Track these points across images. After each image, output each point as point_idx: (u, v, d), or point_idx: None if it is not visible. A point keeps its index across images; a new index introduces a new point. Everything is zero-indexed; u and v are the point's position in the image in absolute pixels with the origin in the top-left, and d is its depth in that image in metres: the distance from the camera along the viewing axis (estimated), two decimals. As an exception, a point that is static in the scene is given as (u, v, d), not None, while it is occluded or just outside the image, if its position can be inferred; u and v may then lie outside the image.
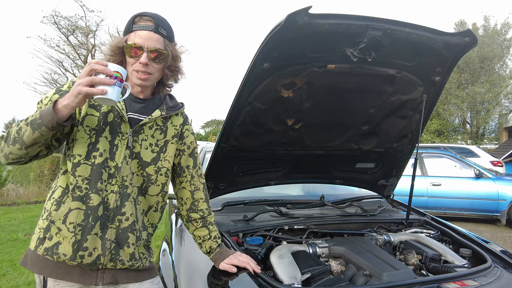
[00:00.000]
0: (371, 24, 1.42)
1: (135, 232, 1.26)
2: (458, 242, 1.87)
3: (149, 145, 1.30)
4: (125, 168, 1.23)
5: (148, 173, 1.30)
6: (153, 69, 1.24)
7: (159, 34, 1.23)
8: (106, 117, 1.23)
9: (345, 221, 2.04)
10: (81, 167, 1.18)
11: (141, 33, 1.21)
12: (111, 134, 1.23)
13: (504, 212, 6.06)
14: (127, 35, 1.23)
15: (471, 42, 1.58)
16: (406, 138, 2.12)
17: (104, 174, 1.20)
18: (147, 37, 1.20)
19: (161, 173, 1.33)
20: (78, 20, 14.67)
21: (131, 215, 1.24)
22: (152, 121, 1.30)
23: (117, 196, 1.21)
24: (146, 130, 1.29)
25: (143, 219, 1.32)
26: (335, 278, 1.41)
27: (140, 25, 1.21)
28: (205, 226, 1.43)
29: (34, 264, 1.18)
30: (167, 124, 1.35)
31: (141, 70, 1.21)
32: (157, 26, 1.22)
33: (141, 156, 1.28)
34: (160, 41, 1.23)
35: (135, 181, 1.28)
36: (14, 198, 10.00)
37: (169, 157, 1.35)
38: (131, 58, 1.22)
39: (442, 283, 1.34)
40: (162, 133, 1.33)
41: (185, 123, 1.42)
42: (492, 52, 18.71)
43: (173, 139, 1.36)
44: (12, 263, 4.05)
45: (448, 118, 20.16)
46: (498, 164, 9.59)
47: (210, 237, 1.43)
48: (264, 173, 2.12)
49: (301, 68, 1.58)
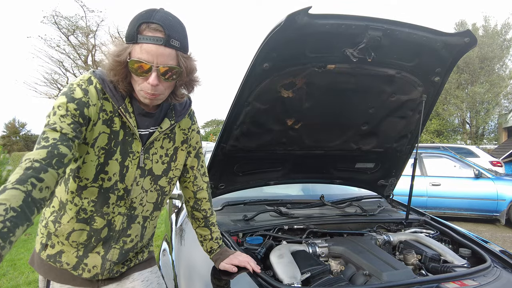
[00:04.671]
0: (370, 25, 1.42)
1: (135, 249, 1.27)
2: (458, 242, 1.88)
3: (159, 158, 1.20)
4: (135, 190, 1.16)
5: (161, 185, 1.23)
6: (163, 89, 1.06)
7: (171, 48, 1.00)
8: (118, 136, 1.10)
9: (344, 221, 2.05)
10: (88, 190, 1.10)
11: (148, 47, 0.99)
12: (121, 155, 1.11)
13: (503, 212, 6.06)
14: (130, 44, 1.01)
15: (470, 42, 1.58)
16: (406, 138, 2.12)
17: (113, 197, 1.13)
18: (156, 53, 0.99)
19: (173, 182, 1.27)
20: (79, 20, 14.68)
21: (136, 236, 1.23)
22: (162, 132, 1.18)
23: (124, 218, 1.17)
24: (155, 143, 1.18)
25: (153, 230, 1.33)
26: (334, 278, 1.41)
27: (147, 37, 0.99)
28: (207, 227, 1.41)
29: (39, 267, 1.20)
30: (174, 130, 1.23)
31: (150, 93, 1.04)
32: (168, 37, 0.99)
33: (153, 171, 1.19)
34: (172, 55, 1.02)
35: (150, 198, 1.21)
36: (14, 198, 9.95)
37: (179, 165, 1.27)
38: (138, 77, 1.03)
39: (442, 283, 1.34)
40: (170, 140, 1.22)
41: (192, 123, 1.30)
42: (492, 52, 18.72)
43: (183, 145, 1.26)
44: (12, 262, 4.05)
45: (448, 118, 20.17)
46: (498, 164, 9.58)
47: (212, 238, 1.41)
48: (264, 173, 2.12)
49: (301, 68, 1.58)
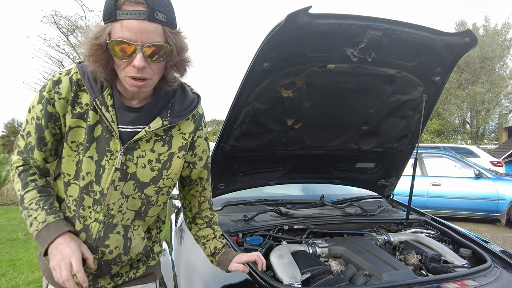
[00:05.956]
0: (371, 24, 1.42)
1: (120, 263, 1.10)
2: (458, 242, 1.88)
3: (148, 162, 1.05)
4: (113, 195, 1.02)
5: (148, 194, 1.08)
6: (152, 72, 0.92)
7: (157, 22, 0.87)
8: (92, 132, 1.00)
9: (345, 221, 2.05)
10: (71, 187, 1.03)
11: (130, 24, 0.85)
12: (97, 153, 1.00)
13: (504, 212, 6.06)
14: (108, 24, 0.88)
15: (471, 42, 1.58)
16: (406, 138, 2.12)
17: (88, 200, 1.02)
18: (139, 29, 0.85)
19: (163, 192, 1.11)
20: (78, 20, 14.64)
21: (116, 248, 1.06)
22: (150, 134, 1.03)
23: (100, 226, 1.03)
24: (143, 144, 1.03)
25: (143, 243, 1.14)
26: (335, 278, 1.41)
27: (127, 12, 0.84)
28: (210, 226, 1.31)
29: (43, 269, 1.16)
30: (171, 132, 1.07)
31: (137, 77, 0.91)
32: (152, 10, 0.85)
33: (137, 176, 1.05)
34: (158, 31, 0.88)
35: (130, 205, 1.07)
36: (14, 197, 9.96)
37: (173, 175, 1.10)
38: (120, 60, 0.89)
39: (442, 283, 1.34)
40: (165, 144, 1.07)
41: (197, 128, 1.13)
42: (492, 52, 18.73)
43: (180, 152, 1.09)
44: (11, 263, 4.04)
45: (448, 118, 20.18)
46: (498, 164, 9.58)
47: (215, 236, 1.30)
48: (264, 173, 2.12)
49: (301, 68, 1.58)
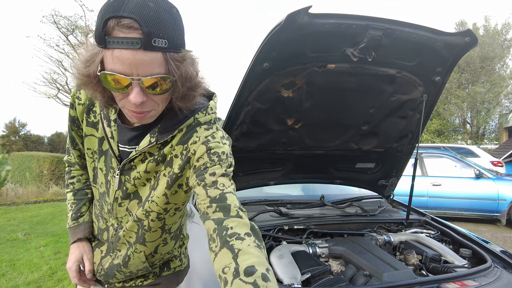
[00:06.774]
0: (371, 24, 1.42)
1: (122, 273, 1.09)
2: (458, 242, 1.87)
3: (142, 185, 0.96)
4: (118, 210, 1.01)
5: (139, 217, 0.98)
6: (154, 104, 0.81)
7: (155, 50, 0.71)
8: (102, 144, 0.98)
9: (345, 221, 2.04)
10: (94, 189, 1.09)
11: (121, 55, 0.70)
12: (105, 167, 0.98)
13: (504, 212, 6.06)
14: (100, 50, 0.73)
15: (471, 42, 1.57)
16: (406, 138, 2.11)
17: (105, 207, 1.04)
18: (133, 61, 0.70)
19: (152, 218, 0.97)
20: (78, 20, 14.63)
21: (118, 257, 1.08)
22: (140, 153, 0.92)
23: (113, 232, 1.06)
24: (138, 165, 0.94)
25: (143, 265, 1.08)
26: (335, 278, 1.41)
27: (118, 39, 0.69)
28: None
29: None
30: (163, 151, 0.92)
31: (136, 111, 0.80)
32: (148, 36, 0.69)
33: (140, 195, 0.97)
34: (158, 60, 0.73)
35: (129, 226, 1.01)
36: (14, 198, 9.98)
37: (155, 197, 0.94)
38: (116, 92, 0.77)
39: (442, 283, 1.34)
40: (158, 164, 0.93)
41: (189, 139, 0.91)
42: (492, 52, 18.74)
43: (166, 169, 0.93)
44: (11, 263, 4.04)
45: (448, 118, 20.19)
46: (498, 164, 9.58)
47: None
48: (264, 173, 2.12)
49: (301, 68, 1.58)
